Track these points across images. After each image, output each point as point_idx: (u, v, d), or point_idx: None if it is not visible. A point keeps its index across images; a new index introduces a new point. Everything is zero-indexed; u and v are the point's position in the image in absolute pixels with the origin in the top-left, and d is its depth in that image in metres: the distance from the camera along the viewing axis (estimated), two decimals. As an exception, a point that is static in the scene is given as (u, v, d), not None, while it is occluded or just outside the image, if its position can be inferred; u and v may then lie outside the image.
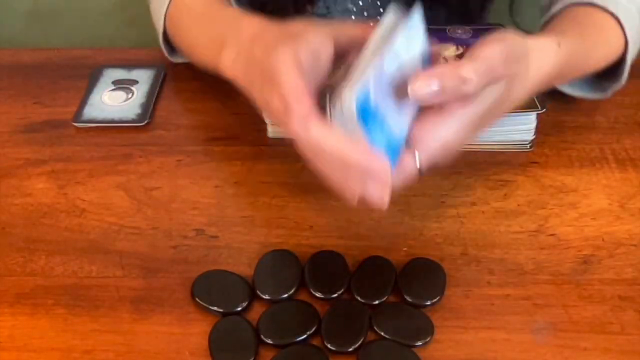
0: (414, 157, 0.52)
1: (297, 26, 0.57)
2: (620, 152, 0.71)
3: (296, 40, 0.52)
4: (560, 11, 0.69)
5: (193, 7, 0.74)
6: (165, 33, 0.78)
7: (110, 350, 0.54)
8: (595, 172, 0.69)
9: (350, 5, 0.89)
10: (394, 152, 0.51)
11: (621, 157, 0.70)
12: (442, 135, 0.51)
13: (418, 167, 0.52)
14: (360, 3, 0.89)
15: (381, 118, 0.50)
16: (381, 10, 0.90)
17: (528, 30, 0.80)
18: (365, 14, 0.90)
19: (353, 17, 0.90)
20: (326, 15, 0.89)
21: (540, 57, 0.56)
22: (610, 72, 0.71)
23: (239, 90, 0.60)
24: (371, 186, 0.49)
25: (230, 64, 0.61)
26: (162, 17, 0.76)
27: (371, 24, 0.54)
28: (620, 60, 0.70)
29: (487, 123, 0.54)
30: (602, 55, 0.68)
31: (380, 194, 0.49)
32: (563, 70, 0.60)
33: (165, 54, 0.79)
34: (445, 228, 0.63)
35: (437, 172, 0.54)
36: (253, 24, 0.61)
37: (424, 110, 0.52)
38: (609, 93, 0.72)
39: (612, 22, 0.68)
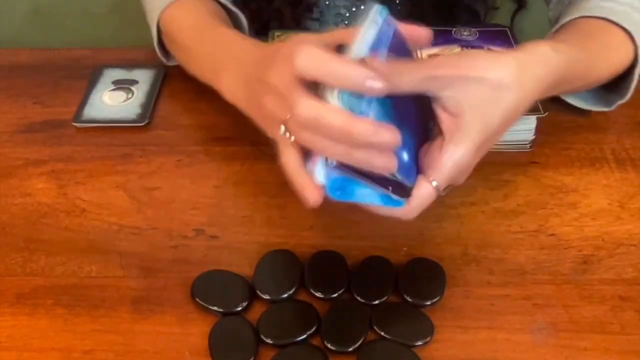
0: (429, 182, 0.52)
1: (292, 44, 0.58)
2: (620, 152, 0.71)
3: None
4: (567, 23, 0.69)
5: (184, 22, 0.74)
6: (160, 38, 0.78)
7: (110, 350, 0.54)
8: (595, 172, 0.69)
9: (343, 11, 0.89)
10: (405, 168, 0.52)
11: (621, 157, 0.70)
12: (453, 158, 0.52)
13: (435, 190, 0.52)
14: (354, 9, 0.89)
15: None
16: None
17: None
18: (359, 19, 0.90)
19: (345, 23, 0.90)
20: (320, 19, 0.89)
21: (534, 62, 0.56)
22: (616, 86, 0.70)
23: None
24: (377, 156, 0.49)
25: (231, 89, 0.64)
26: (155, 25, 0.76)
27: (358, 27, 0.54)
28: (627, 74, 0.69)
29: (493, 136, 0.54)
30: (607, 68, 0.67)
31: (386, 163, 0.49)
32: (563, 76, 0.59)
33: (161, 58, 0.80)
34: (445, 228, 0.63)
35: (455, 189, 0.55)
36: (248, 51, 0.64)
37: (432, 136, 0.53)
38: (613, 107, 0.72)
39: (622, 35, 0.67)
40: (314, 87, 0.51)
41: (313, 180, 0.52)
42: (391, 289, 0.57)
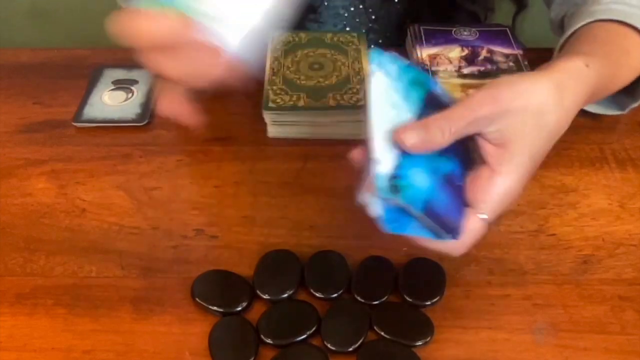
0: (477, 217, 0.51)
1: None
2: (620, 152, 0.71)
3: None
4: (581, 28, 0.67)
5: None
6: None
7: (110, 350, 0.54)
8: (595, 172, 0.69)
9: (341, 11, 0.89)
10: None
11: (621, 157, 0.70)
12: (502, 190, 0.51)
13: (485, 222, 0.51)
14: (352, 9, 0.89)
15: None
16: (372, 17, 0.90)
17: (531, 44, 0.80)
18: (357, 20, 0.90)
19: (344, 23, 0.90)
20: (319, 20, 0.89)
21: (571, 81, 0.55)
22: (629, 89, 0.70)
23: (239, 90, 0.59)
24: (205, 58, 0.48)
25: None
26: None
27: None
28: None
29: (538, 161, 0.54)
30: (627, 74, 0.67)
31: (212, 63, 0.48)
32: (595, 91, 0.59)
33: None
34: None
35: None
36: None
37: (474, 166, 0.52)
38: (626, 110, 0.72)
39: (637, 38, 0.66)
40: None
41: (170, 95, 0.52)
42: (391, 289, 0.57)
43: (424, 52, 0.78)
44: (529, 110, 0.51)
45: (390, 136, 0.49)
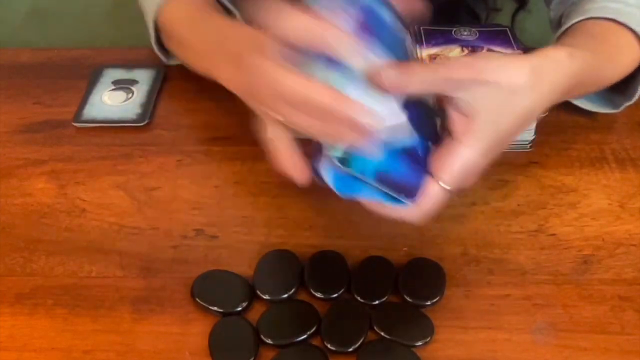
0: (438, 184, 0.52)
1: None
2: (620, 152, 0.71)
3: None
4: (574, 25, 0.68)
5: (179, 15, 0.74)
6: (158, 36, 0.78)
7: (110, 350, 0.54)
8: (595, 172, 0.69)
9: None
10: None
11: (621, 157, 0.70)
12: (462, 159, 0.52)
13: (443, 191, 0.52)
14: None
15: None
16: None
17: (531, 43, 0.80)
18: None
19: None
20: None
21: (550, 68, 0.56)
22: (623, 87, 0.70)
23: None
24: (353, 134, 0.49)
25: (229, 77, 0.62)
26: (152, 23, 0.76)
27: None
28: (634, 76, 0.69)
29: (505, 139, 0.54)
30: (616, 71, 0.67)
31: (364, 139, 0.49)
32: (577, 83, 0.59)
33: (160, 56, 0.79)
34: (445, 228, 0.63)
35: (461, 191, 0.55)
36: (245, 35, 0.62)
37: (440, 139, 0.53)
38: (619, 109, 0.72)
39: (630, 37, 0.67)
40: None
41: (301, 160, 0.53)
42: (391, 289, 0.57)
43: (424, 52, 0.78)
44: (501, 86, 0.52)
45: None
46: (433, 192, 0.52)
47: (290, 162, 0.54)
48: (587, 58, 0.60)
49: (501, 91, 0.52)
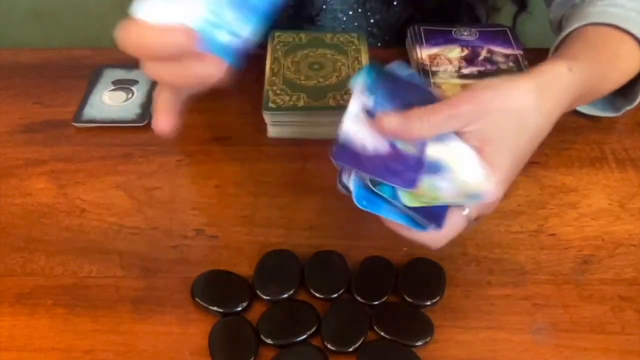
0: (460, 212, 0.52)
1: None
2: (620, 152, 0.71)
3: None
4: (575, 31, 0.68)
5: None
6: None
7: (110, 350, 0.54)
8: (595, 172, 0.69)
9: (340, 15, 0.89)
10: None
11: (621, 157, 0.70)
12: None
13: (465, 219, 0.52)
14: (350, 12, 0.89)
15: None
16: (371, 20, 0.90)
17: (533, 44, 0.80)
18: (356, 23, 0.90)
19: (343, 27, 0.90)
20: (317, 24, 0.89)
21: (553, 85, 0.56)
22: (624, 91, 0.70)
23: (239, 90, 0.59)
24: (198, 65, 0.49)
25: None
26: None
27: None
28: (635, 80, 0.69)
29: (520, 163, 0.54)
30: (618, 77, 0.67)
31: (207, 71, 0.49)
32: (581, 94, 0.59)
33: None
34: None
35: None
36: None
37: None
38: (621, 112, 0.72)
39: (631, 42, 0.66)
40: None
41: (167, 109, 0.53)
42: (391, 289, 0.57)
43: (424, 53, 0.78)
44: (508, 112, 0.52)
45: None
46: (456, 221, 0.52)
47: (158, 114, 0.53)
48: (587, 69, 0.60)
49: (510, 117, 0.52)
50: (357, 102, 0.52)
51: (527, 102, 0.53)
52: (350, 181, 0.51)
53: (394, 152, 0.51)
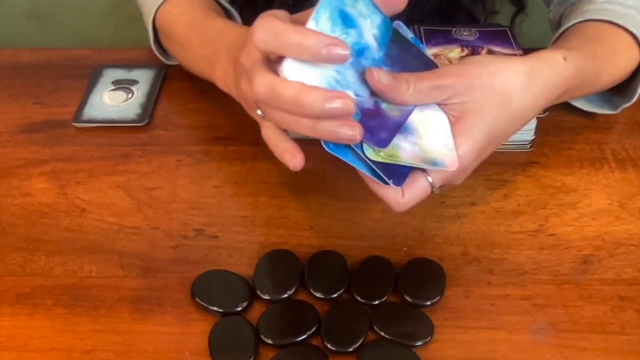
0: (425, 177, 0.52)
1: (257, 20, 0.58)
2: (620, 152, 0.71)
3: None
4: (573, 27, 0.68)
5: (178, 17, 0.74)
6: (157, 37, 0.78)
7: (110, 350, 0.54)
8: (595, 172, 0.69)
9: None
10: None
11: (621, 157, 0.70)
12: None
13: (431, 187, 0.52)
14: None
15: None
16: None
17: (530, 45, 0.80)
18: None
19: None
20: None
21: (545, 71, 0.56)
22: (621, 89, 0.70)
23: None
24: (340, 126, 0.48)
25: (221, 75, 0.64)
26: (151, 23, 0.76)
27: None
28: (632, 78, 0.69)
29: (497, 140, 0.54)
30: (614, 73, 0.67)
31: (349, 134, 0.48)
32: (573, 85, 0.59)
33: (159, 56, 0.80)
34: (445, 228, 0.63)
35: (455, 189, 0.54)
36: (240, 35, 0.63)
37: None
38: (618, 110, 0.72)
39: (628, 39, 0.66)
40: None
41: (293, 145, 0.52)
42: (391, 289, 0.57)
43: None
44: (494, 88, 0.52)
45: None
46: (419, 187, 0.52)
47: (280, 148, 0.53)
48: (582, 60, 0.60)
49: (494, 93, 0.52)
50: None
51: (514, 82, 0.53)
52: None
53: (375, 109, 0.51)
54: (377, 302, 0.56)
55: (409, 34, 0.55)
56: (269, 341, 0.54)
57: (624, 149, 0.71)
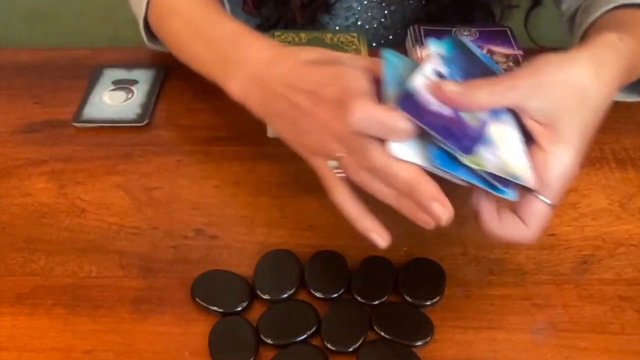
0: (540, 201, 0.51)
1: (312, 53, 0.57)
2: (620, 152, 0.71)
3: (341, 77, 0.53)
4: (604, 16, 0.67)
5: (179, 9, 0.71)
6: (145, 19, 0.75)
7: (110, 350, 0.54)
8: (595, 172, 0.69)
9: (354, 4, 0.89)
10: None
11: (621, 157, 0.70)
12: (560, 171, 0.51)
13: (550, 207, 0.51)
14: (365, 2, 0.89)
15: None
16: (385, 12, 0.90)
17: (545, 42, 0.79)
18: (369, 13, 0.90)
19: (357, 17, 0.90)
20: (331, 12, 0.89)
21: (611, 56, 0.55)
22: None
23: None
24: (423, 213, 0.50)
25: (240, 90, 0.62)
26: (144, 7, 0.74)
27: (380, 59, 0.54)
28: None
29: (589, 136, 0.54)
30: None
31: (428, 221, 0.50)
32: (631, 67, 0.58)
33: (145, 39, 0.77)
34: (445, 228, 0.63)
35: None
36: (262, 49, 0.61)
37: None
38: None
39: None
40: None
41: (376, 221, 0.53)
42: (391, 289, 0.57)
43: (424, 52, 0.78)
44: (570, 83, 0.51)
45: None
46: (539, 210, 0.51)
47: (364, 225, 0.54)
48: (633, 42, 0.59)
49: (572, 89, 0.51)
50: (432, 65, 0.52)
51: (588, 73, 0.52)
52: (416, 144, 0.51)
53: (456, 117, 0.50)
54: (377, 302, 0.56)
55: (477, 49, 0.55)
56: (269, 341, 0.54)
57: (624, 149, 0.71)
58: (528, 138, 0.52)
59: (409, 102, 0.50)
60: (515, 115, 0.52)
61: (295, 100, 0.55)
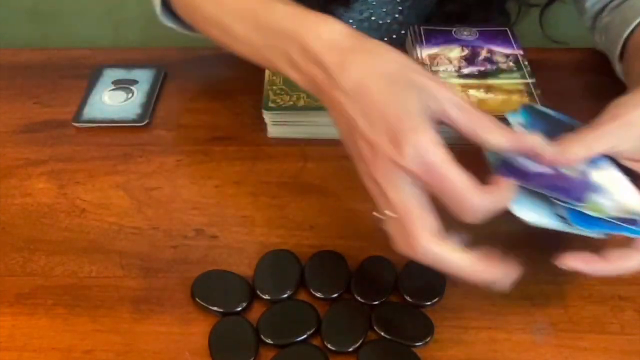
0: None
1: (390, 65, 0.52)
2: (620, 152, 0.71)
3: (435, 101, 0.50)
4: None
5: None
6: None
7: (110, 350, 0.54)
8: None
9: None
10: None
11: (621, 157, 0.70)
12: None
13: None
14: None
15: None
16: (399, 7, 0.90)
17: (560, 40, 0.79)
18: (384, 9, 0.89)
19: (371, 12, 0.90)
20: (346, 5, 0.88)
21: None
22: None
23: (239, 90, 0.59)
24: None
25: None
26: None
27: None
28: None
29: None
30: None
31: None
32: None
33: (157, 10, 0.73)
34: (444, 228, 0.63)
35: None
36: (334, 32, 0.54)
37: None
38: None
39: None
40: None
41: (488, 261, 0.52)
42: (391, 289, 0.57)
43: (424, 52, 0.78)
44: None
45: None
46: None
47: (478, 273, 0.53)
48: None
49: None
50: None
51: None
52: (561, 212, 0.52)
53: (558, 173, 0.52)
54: (377, 302, 0.56)
55: (552, 111, 0.57)
56: (269, 341, 0.54)
57: (624, 149, 0.71)
58: (629, 176, 0.54)
59: (507, 171, 0.51)
60: (611, 158, 0.54)
61: (353, 136, 0.51)
